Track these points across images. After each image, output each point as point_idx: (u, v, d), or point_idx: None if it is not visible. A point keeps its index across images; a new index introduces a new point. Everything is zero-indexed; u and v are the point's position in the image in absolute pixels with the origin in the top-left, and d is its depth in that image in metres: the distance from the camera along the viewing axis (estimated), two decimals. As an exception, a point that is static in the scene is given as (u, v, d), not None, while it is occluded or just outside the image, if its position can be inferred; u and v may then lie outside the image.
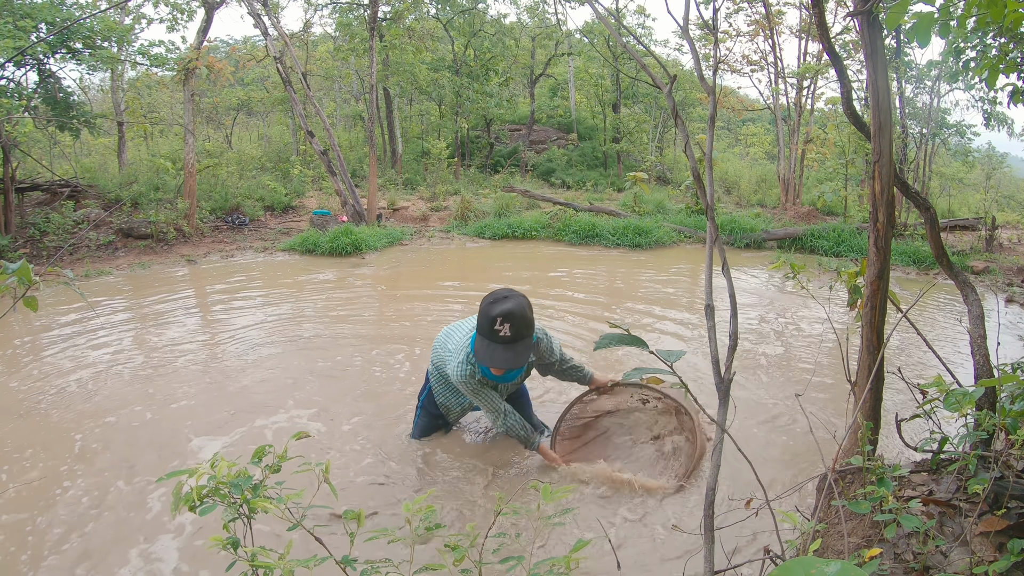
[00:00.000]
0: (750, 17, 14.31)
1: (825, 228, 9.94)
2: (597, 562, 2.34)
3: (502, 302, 2.41)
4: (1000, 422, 1.70)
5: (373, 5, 10.65)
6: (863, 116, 2.41)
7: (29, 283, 1.49)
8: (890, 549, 1.71)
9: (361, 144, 16.50)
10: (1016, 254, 9.42)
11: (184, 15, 10.15)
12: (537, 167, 17.50)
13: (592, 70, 18.66)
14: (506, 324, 2.36)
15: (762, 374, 4.36)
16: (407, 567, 1.33)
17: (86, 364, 4.38)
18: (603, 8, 16.51)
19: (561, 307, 5.99)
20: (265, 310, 5.84)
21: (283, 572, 1.15)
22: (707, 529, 1.46)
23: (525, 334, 2.41)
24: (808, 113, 13.93)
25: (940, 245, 2.42)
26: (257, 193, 11.03)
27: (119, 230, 8.65)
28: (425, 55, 15.29)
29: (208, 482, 1.22)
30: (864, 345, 2.26)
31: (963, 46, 5.31)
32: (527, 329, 2.41)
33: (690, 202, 11.99)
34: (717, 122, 10.82)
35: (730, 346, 1.52)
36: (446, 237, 10.12)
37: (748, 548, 2.34)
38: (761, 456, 3.17)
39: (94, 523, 2.58)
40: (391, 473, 2.97)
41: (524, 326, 2.39)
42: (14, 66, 8.41)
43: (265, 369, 4.30)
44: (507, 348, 2.39)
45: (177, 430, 3.39)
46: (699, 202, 11.44)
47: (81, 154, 13.25)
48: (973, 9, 2.11)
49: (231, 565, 1.22)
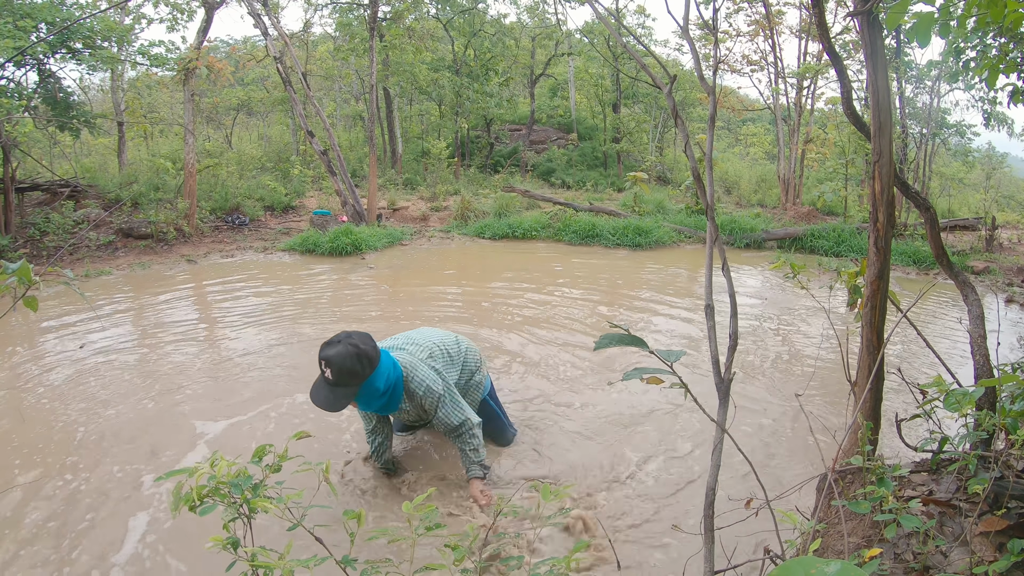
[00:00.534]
0: (750, 17, 14.32)
1: (825, 228, 9.94)
2: (597, 562, 2.34)
3: (329, 346, 2.45)
4: (1000, 422, 1.70)
5: (373, 5, 10.65)
6: (863, 116, 2.41)
7: (29, 283, 1.49)
8: (890, 549, 1.71)
9: (361, 144, 16.50)
10: (1016, 254, 9.42)
11: (184, 15, 10.15)
12: (537, 167, 17.50)
13: (592, 70, 18.66)
14: (328, 368, 2.41)
15: (762, 374, 4.36)
16: (407, 567, 1.33)
17: (86, 364, 4.37)
18: (603, 8, 16.51)
19: (561, 307, 6.00)
20: (265, 310, 5.84)
21: (283, 572, 1.15)
22: (707, 529, 1.46)
23: (348, 382, 2.42)
24: (808, 113, 13.94)
25: (940, 245, 2.42)
26: (257, 193, 11.03)
27: (119, 230, 8.65)
28: (425, 55, 15.29)
29: (208, 482, 1.22)
30: (864, 345, 2.26)
31: (963, 46, 5.30)
32: (349, 377, 2.41)
33: (690, 202, 11.99)
34: (717, 122, 10.83)
35: (730, 346, 1.52)
36: (446, 237, 10.12)
37: (748, 548, 2.34)
38: (761, 456, 3.17)
39: (94, 522, 2.58)
40: (390, 472, 2.97)
41: (346, 375, 2.40)
42: (14, 66, 8.41)
43: (265, 368, 4.30)
44: (330, 390, 2.44)
45: (177, 430, 3.39)
46: (699, 202, 11.45)
47: (81, 154, 13.24)
48: (973, 9, 2.10)
49: (231, 565, 1.22)
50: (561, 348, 4.74)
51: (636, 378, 1.34)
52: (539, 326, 5.30)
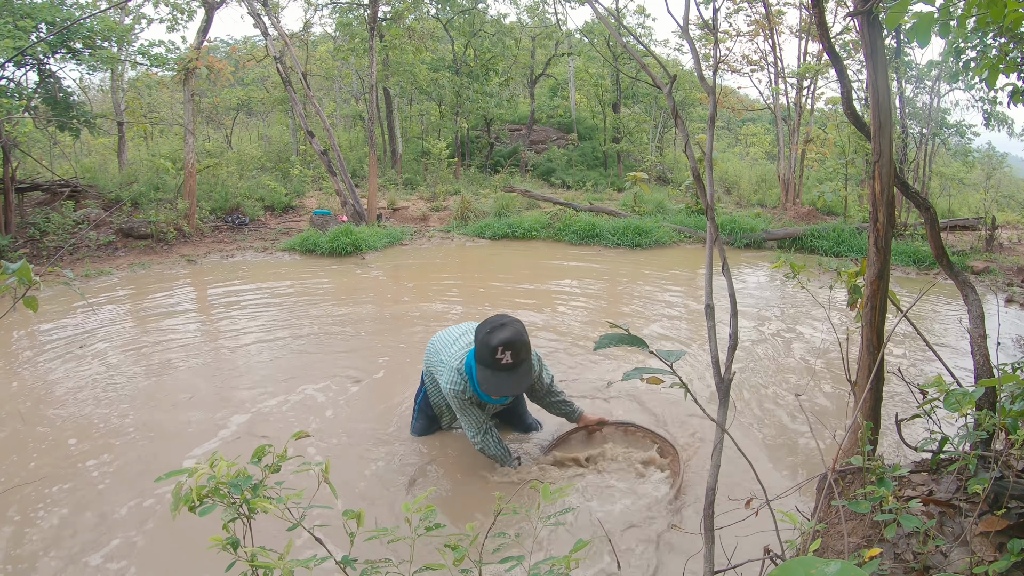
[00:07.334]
0: (750, 17, 14.30)
1: (825, 228, 9.94)
2: (597, 562, 2.34)
3: (500, 330, 2.45)
4: (1000, 422, 1.70)
5: (373, 5, 10.65)
6: (863, 116, 2.41)
7: (29, 283, 1.49)
8: (890, 549, 1.71)
9: (361, 144, 16.49)
10: (1016, 254, 9.42)
11: (184, 15, 10.15)
12: (537, 167, 17.49)
13: (592, 70, 18.65)
14: (507, 352, 2.42)
15: (762, 374, 4.36)
16: (407, 567, 1.33)
17: (85, 364, 4.37)
18: (603, 8, 16.51)
19: (561, 307, 5.99)
20: (265, 309, 5.84)
21: (283, 572, 1.15)
22: (707, 529, 1.46)
23: (525, 357, 2.49)
24: (808, 113, 13.93)
25: (940, 245, 2.42)
26: (257, 193, 11.03)
27: (119, 230, 8.65)
28: (425, 55, 15.28)
29: (208, 482, 1.22)
30: (864, 345, 2.26)
31: (963, 46, 5.30)
32: (527, 352, 2.48)
33: (690, 202, 11.98)
34: (717, 122, 10.83)
35: (730, 346, 1.52)
36: (446, 237, 10.12)
37: (748, 548, 2.34)
38: (761, 456, 3.17)
39: (94, 523, 2.58)
40: (390, 472, 2.97)
41: (524, 350, 2.46)
42: (14, 66, 8.40)
43: (265, 368, 4.30)
44: (510, 375, 2.45)
45: (177, 429, 3.39)
46: (699, 202, 11.44)
47: (81, 154, 13.24)
48: (973, 9, 2.10)
49: (231, 565, 1.22)
50: (561, 348, 4.74)
51: (636, 378, 1.34)
52: (539, 326, 5.29)
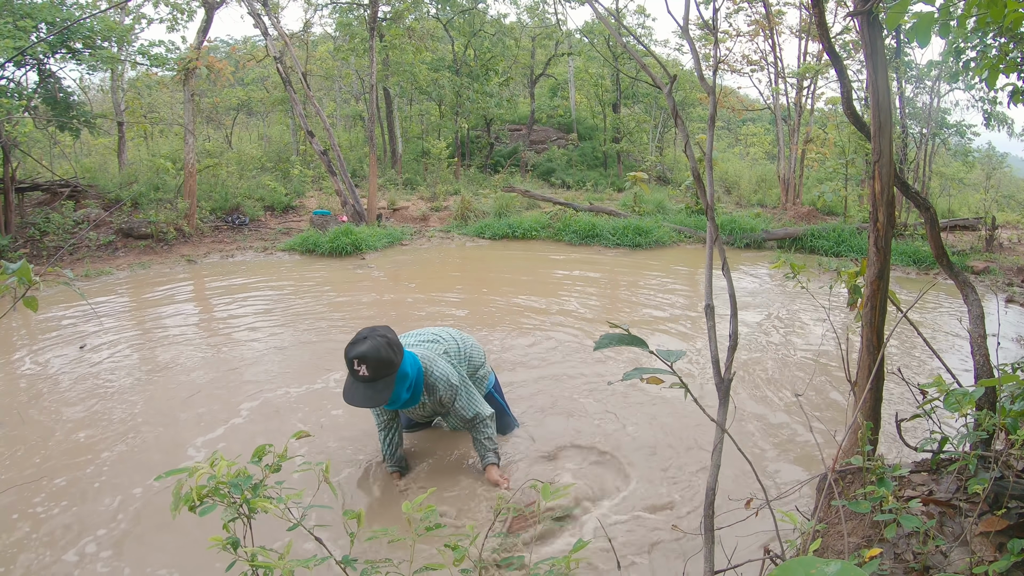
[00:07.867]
0: (750, 17, 14.30)
1: (825, 228, 9.94)
2: (597, 562, 2.34)
3: (360, 343, 2.51)
4: (1000, 422, 1.70)
5: (373, 5, 10.65)
6: (863, 116, 2.41)
7: (29, 283, 1.49)
8: (890, 549, 1.71)
9: (361, 144, 16.49)
10: (1016, 254, 9.42)
11: (184, 15, 10.15)
12: (537, 167, 17.48)
13: (592, 70, 18.65)
14: (363, 365, 2.46)
15: (762, 374, 4.36)
16: (407, 567, 1.33)
17: (86, 364, 4.37)
18: (603, 8, 16.51)
19: (561, 307, 5.99)
20: (265, 309, 5.84)
21: (283, 572, 1.15)
22: (707, 529, 1.46)
23: (385, 374, 2.50)
24: (808, 113, 13.93)
25: (940, 245, 2.42)
26: (257, 193, 11.02)
27: (119, 230, 8.65)
28: (425, 55, 15.27)
29: (208, 482, 1.22)
30: (864, 345, 2.26)
31: (963, 46, 5.30)
32: (387, 369, 2.49)
33: (690, 202, 11.98)
34: (717, 122, 10.83)
35: (730, 346, 1.52)
36: (446, 237, 10.12)
37: (748, 548, 2.34)
38: (761, 456, 3.17)
39: (94, 522, 2.58)
40: (389, 471, 2.97)
41: (383, 367, 2.48)
42: (14, 66, 8.40)
43: (265, 368, 4.30)
44: (365, 386, 2.49)
45: (178, 429, 3.39)
46: (699, 202, 11.44)
47: (81, 154, 13.23)
48: (973, 9, 2.11)
49: (231, 565, 1.22)
50: (561, 348, 4.74)
51: (636, 378, 1.34)
52: (539, 326, 5.30)
